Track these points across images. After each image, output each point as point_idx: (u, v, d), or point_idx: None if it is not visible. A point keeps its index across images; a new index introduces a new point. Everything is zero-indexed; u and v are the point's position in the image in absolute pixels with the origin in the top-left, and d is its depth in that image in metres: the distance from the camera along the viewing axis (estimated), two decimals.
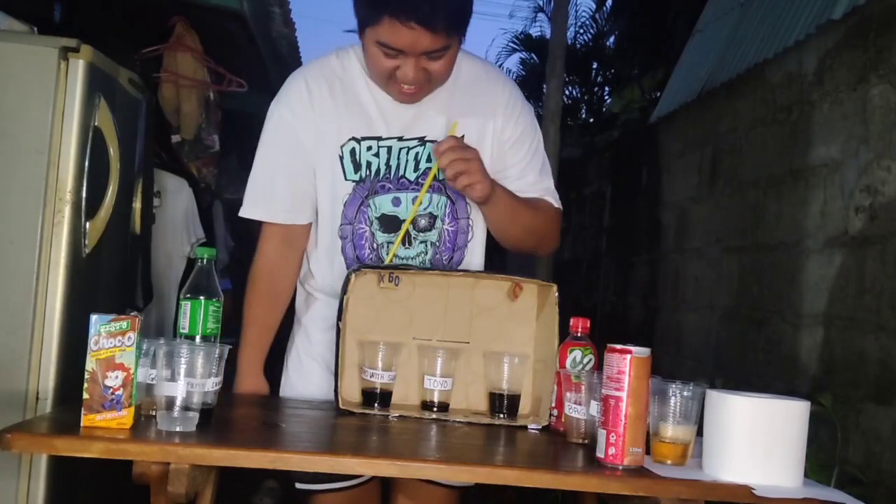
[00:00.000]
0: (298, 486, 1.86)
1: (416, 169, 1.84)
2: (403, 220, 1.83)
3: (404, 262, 1.84)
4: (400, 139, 1.83)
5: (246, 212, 1.90)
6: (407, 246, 1.83)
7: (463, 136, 1.83)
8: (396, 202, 1.84)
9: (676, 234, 4.82)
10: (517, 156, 1.91)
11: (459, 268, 1.89)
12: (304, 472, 1.79)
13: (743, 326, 3.85)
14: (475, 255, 1.93)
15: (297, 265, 1.95)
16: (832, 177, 3.19)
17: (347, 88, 1.84)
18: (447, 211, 1.87)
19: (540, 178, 1.94)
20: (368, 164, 1.83)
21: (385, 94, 1.83)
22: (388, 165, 1.83)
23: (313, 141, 1.83)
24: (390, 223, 1.84)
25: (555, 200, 1.96)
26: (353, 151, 1.83)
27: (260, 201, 1.89)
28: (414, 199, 1.83)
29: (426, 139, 1.84)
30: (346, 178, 1.83)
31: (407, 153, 1.83)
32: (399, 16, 1.62)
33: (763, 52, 3.86)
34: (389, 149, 1.82)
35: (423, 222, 1.84)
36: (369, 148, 1.82)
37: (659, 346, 4.79)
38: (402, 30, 1.63)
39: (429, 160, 1.83)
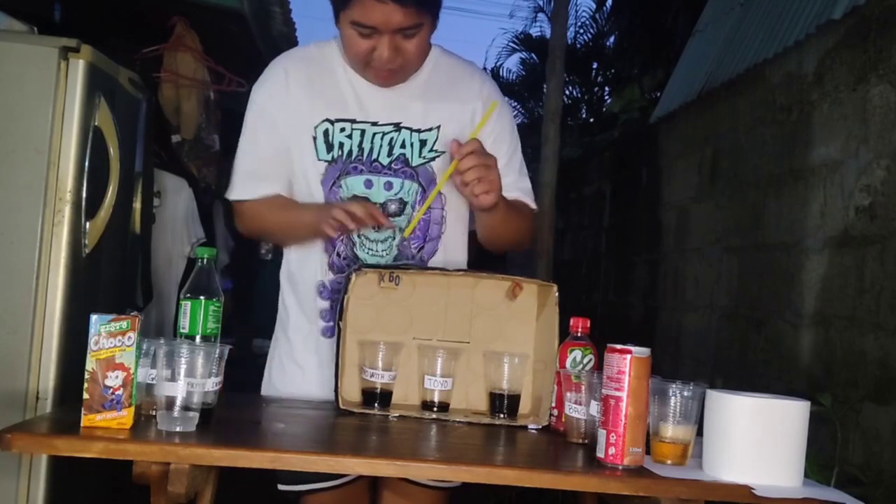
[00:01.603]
0: (281, 487, 1.85)
1: (389, 154, 1.85)
2: (375, 203, 1.83)
3: (372, 243, 1.84)
4: (374, 124, 1.85)
5: (236, 194, 1.91)
6: (377, 229, 1.83)
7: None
8: (368, 184, 1.84)
9: (676, 234, 4.82)
10: (497, 153, 1.88)
11: (432, 261, 1.88)
12: (288, 473, 1.78)
13: (743, 326, 3.85)
14: (452, 250, 1.92)
15: None
16: (832, 177, 3.19)
17: (325, 74, 1.87)
18: (418, 199, 1.86)
19: (519, 178, 1.96)
20: (341, 145, 1.84)
21: (363, 81, 1.85)
22: (360, 147, 1.84)
23: (289, 123, 1.86)
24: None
25: (531, 201, 1.98)
26: (326, 132, 1.85)
27: (247, 183, 1.90)
28: (386, 184, 1.84)
29: (401, 125, 1.85)
30: (318, 158, 1.85)
31: (381, 138, 1.85)
32: None
33: (763, 52, 3.86)
34: (363, 132, 1.84)
35: (392, 207, 1.84)
36: (342, 129, 1.84)
37: (659, 346, 4.79)
38: (373, 6, 1.66)
39: (403, 146, 1.85)
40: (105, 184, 2.55)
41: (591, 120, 9.46)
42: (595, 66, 9.96)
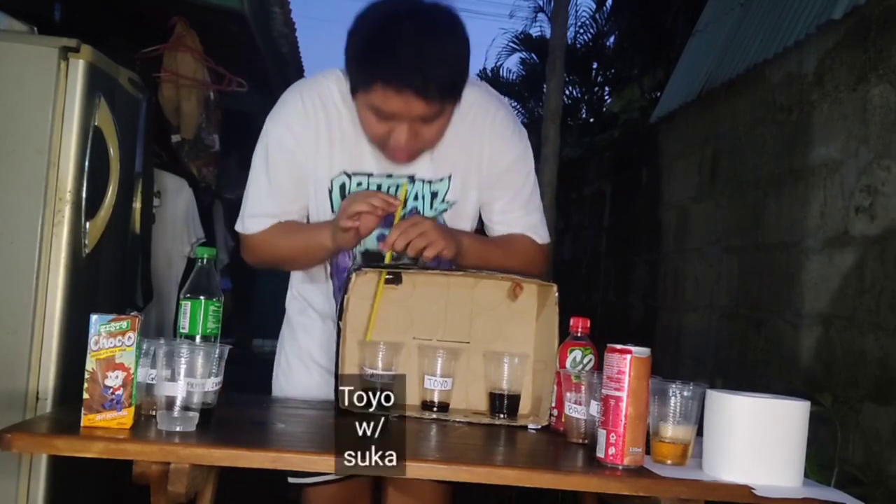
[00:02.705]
0: (291, 480, 1.88)
1: (404, 206, 1.78)
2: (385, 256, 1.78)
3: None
4: (390, 176, 1.81)
5: (248, 228, 1.86)
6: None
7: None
8: (382, 238, 1.78)
9: (676, 234, 4.82)
10: (502, 188, 1.87)
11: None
12: None
13: (743, 326, 3.85)
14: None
15: None
16: (832, 177, 3.19)
17: (343, 118, 1.80)
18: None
19: (524, 213, 1.90)
20: None
21: None
22: None
23: (310, 165, 1.81)
24: (372, 258, 1.82)
25: (538, 237, 1.92)
26: (342, 186, 1.81)
27: (262, 220, 1.86)
28: None
29: (416, 177, 1.81)
30: (333, 212, 1.81)
31: (396, 191, 1.80)
32: (391, 83, 1.60)
33: (763, 52, 3.86)
34: (379, 186, 1.80)
35: (406, 259, 1.77)
36: (359, 184, 1.80)
37: (659, 346, 4.79)
38: (394, 97, 1.61)
39: (416, 198, 1.82)
40: (105, 184, 2.55)
41: (591, 120, 9.46)
42: (595, 66, 9.94)
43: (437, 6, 1.66)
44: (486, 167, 1.85)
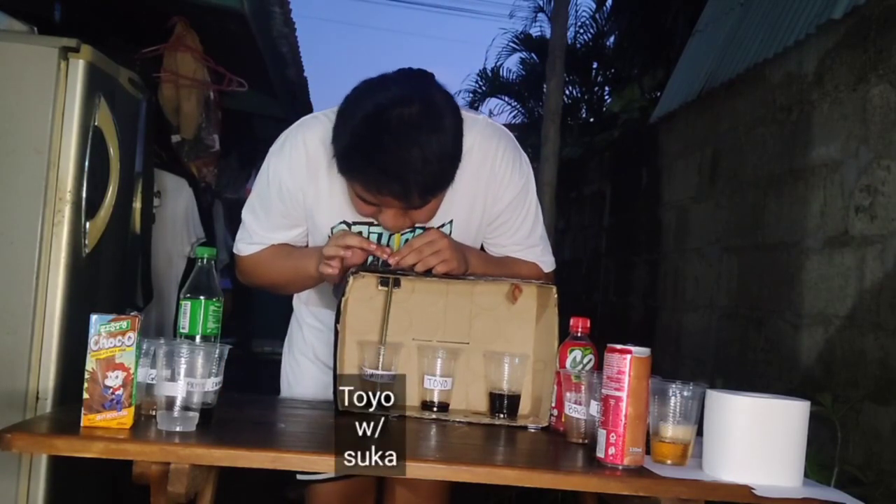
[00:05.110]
0: (300, 476, 1.88)
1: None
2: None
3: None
4: None
5: (243, 252, 1.87)
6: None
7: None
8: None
9: (676, 234, 4.82)
10: (503, 224, 1.85)
11: None
12: None
13: (743, 326, 3.85)
14: None
15: None
16: (832, 177, 3.19)
17: None
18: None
19: (527, 246, 1.89)
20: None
21: None
22: None
23: (310, 209, 1.80)
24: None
25: (543, 265, 1.91)
26: None
27: (256, 244, 1.85)
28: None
29: (416, 225, 1.77)
30: None
31: (389, 239, 1.78)
32: (370, 189, 1.60)
33: (763, 52, 3.86)
34: (380, 235, 1.77)
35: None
36: (359, 233, 1.78)
37: (659, 346, 4.79)
38: (376, 194, 1.60)
39: None
40: (105, 184, 2.55)
41: (591, 120, 9.45)
42: (595, 66, 9.94)
43: (424, 98, 1.57)
44: (488, 208, 1.82)
